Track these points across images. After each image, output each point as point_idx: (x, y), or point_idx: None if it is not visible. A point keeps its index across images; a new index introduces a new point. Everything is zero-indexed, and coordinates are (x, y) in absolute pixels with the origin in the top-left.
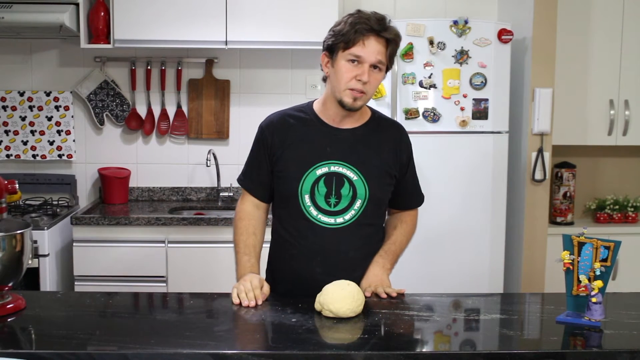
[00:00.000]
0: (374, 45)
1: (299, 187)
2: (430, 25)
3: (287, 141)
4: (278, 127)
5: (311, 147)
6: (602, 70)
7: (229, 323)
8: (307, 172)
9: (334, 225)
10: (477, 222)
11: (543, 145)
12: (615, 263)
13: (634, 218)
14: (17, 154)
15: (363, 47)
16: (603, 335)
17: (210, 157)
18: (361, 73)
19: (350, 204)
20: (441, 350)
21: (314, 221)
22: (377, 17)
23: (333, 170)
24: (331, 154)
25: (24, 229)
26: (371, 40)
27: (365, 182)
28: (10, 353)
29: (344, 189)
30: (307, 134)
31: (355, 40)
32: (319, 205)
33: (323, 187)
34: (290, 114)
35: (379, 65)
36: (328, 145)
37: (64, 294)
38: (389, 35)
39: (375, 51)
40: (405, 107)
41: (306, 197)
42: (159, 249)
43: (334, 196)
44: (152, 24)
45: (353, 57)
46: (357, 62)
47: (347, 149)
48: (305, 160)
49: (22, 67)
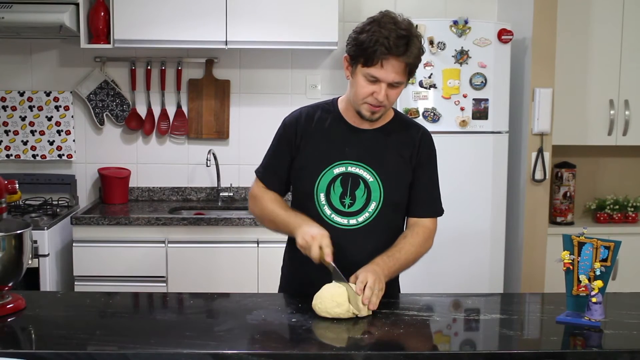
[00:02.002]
0: (392, 67)
1: (316, 185)
2: (430, 25)
3: (308, 137)
4: (302, 123)
5: (331, 146)
6: (602, 70)
7: (229, 323)
8: (324, 170)
9: (346, 227)
10: (477, 222)
11: (543, 145)
12: (615, 263)
13: (634, 218)
14: (17, 154)
15: (381, 69)
16: (603, 335)
17: (210, 157)
18: (378, 91)
19: (364, 206)
20: (441, 350)
21: (327, 220)
22: (399, 34)
23: (350, 170)
24: (349, 154)
25: (24, 229)
26: (390, 62)
27: (381, 184)
28: (10, 353)
29: (359, 190)
30: (328, 132)
31: (374, 62)
32: (334, 205)
33: (339, 187)
34: (314, 110)
35: (397, 84)
36: (347, 145)
37: (64, 294)
38: (408, 60)
39: (393, 73)
40: (405, 107)
41: (322, 195)
42: (159, 249)
43: (349, 197)
44: (152, 24)
45: (371, 77)
46: (375, 81)
47: (365, 149)
48: (324, 158)
49: (22, 67)
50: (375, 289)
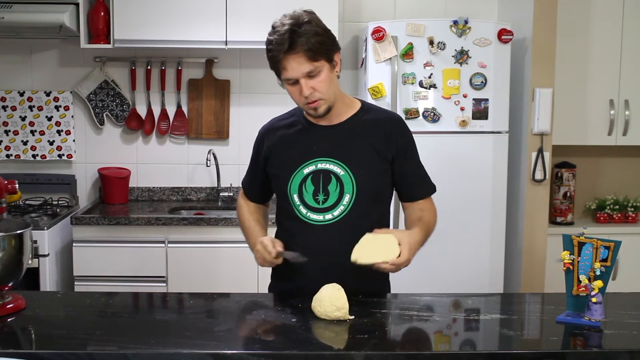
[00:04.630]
0: (292, 63)
1: (288, 188)
2: (430, 25)
3: (277, 145)
4: (270, 132)
5: (299, 148)
6: (602, 70)
7: (229, 323)
8: (294, 173)
9: (323, 222)
10: (477, 222)
11: (543, 145)
12: (615, 263)
13: (634, 218)
14: (17, 154)
15: (287, 71)
16: (603, 335)
17: (210, 157)
18: (301, 89)
19: (338, 199)
20: (441, 350)
21: (304, 220)
22: (280, 32)
23: (320, 167)
24: (318, 152)
25: (24, 229)
26: (287, 60)
27: (353, 175)
28: (10, 353)
29: (331, 185)
30: (295, 136)
31: (278, 68)
32: (308, 203)
33: (311, 185)
34: (280, 118)
35: (311, 73)
36: (315, 144)
37: (64, 294)
38: (303, 49)
39: (297, 67)
40: (405, 107)
41: (295, 196)
42: (159, 249)
43: (322, 193)
44: (152, 24)
45: (287, 81)
46: (293, 82)
47: (334, 144)
48: (293, 161)
49: (22, 67)
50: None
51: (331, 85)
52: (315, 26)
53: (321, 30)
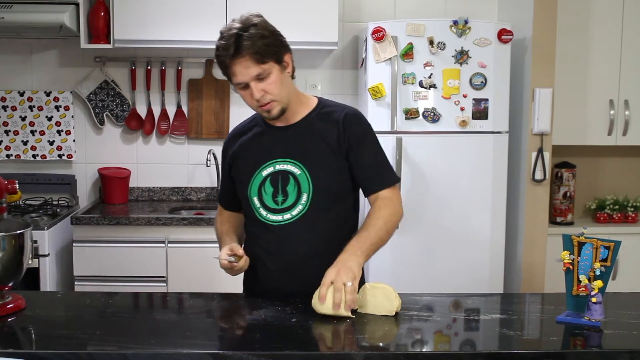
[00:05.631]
0: (240, 68)
1: (248, 192)
2: (430, 25)
3: (237, 151)
4: (232, 139)
5: (259, 151)
6: (602, 70)
7: (229, 323)
8: (254, 176)
9: (282, 222)
10: (477, 222)
11: (543, 145)
12: (615, 263)
13: (634, 218)
14: (17, 154)
15: (236, 76)
16: (603, 335)
17: (210, 157)
18: (252, 92)
19: (296, 199)
20: (441, 350)
21: (264, 221)
22: (226, 36)
23: (278, 168)
24: (275, 153)
25: (24, 229)
26: (235, 65)
27: (308, 174)
28: (10, 353)
29: (290, 185)
30: (254, 140)
31: (227, 73)
32: (267, 205)
33: (270, 187)
34: (242, 125)
35: (260, 76)
36: (274, 146)
37: (64, 294)
38: (249, 52)
39: (244, 71)
40: (405, 107)
41: (255, 199)
42: (159, 249)
43: (281, 194)
44: (152, 24)
45: (238, 85)
46: (244, 86)
47: (291, 145)
48: (252, 165)
49: (22, 67)
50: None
51: (283, 87)
52: (261, 29)
53: (268, 32)
